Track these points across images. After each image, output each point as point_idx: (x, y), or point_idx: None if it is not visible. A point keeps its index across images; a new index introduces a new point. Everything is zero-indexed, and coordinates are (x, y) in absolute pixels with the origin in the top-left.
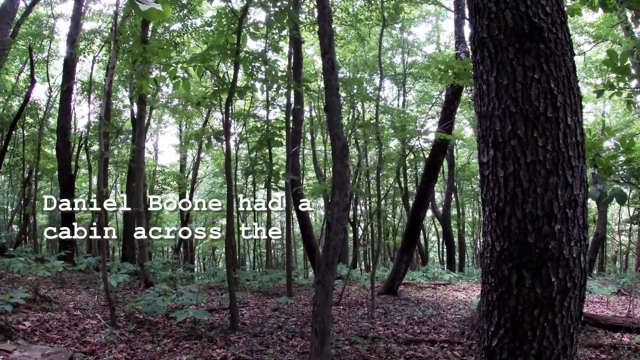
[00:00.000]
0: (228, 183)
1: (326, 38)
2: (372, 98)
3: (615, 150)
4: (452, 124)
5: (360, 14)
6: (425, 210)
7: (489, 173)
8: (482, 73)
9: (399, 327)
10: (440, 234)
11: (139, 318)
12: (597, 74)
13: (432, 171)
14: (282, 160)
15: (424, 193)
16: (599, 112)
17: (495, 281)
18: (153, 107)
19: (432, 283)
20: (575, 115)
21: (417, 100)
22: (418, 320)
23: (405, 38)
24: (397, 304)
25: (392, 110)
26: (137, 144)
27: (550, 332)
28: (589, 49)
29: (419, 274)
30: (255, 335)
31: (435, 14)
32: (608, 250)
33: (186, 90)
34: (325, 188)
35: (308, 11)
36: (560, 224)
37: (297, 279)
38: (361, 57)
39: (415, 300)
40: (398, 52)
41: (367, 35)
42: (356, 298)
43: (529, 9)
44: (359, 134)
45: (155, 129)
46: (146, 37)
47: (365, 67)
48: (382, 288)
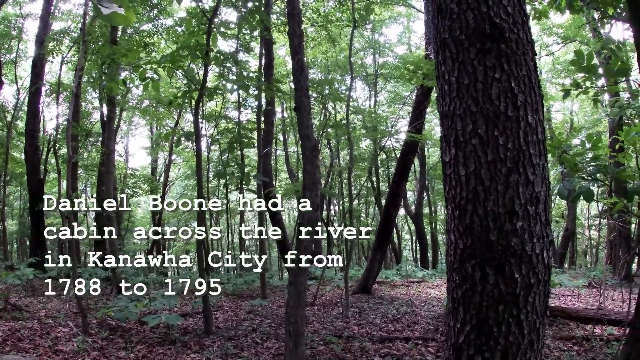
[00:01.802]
0: (199, 185)
1: (296, 39)
2: (344, 99)
3: (582, 148)
4: (422, 124)
5: (331, 14)
6: (397, 209)
7: (451, 172)
8: (444, 73)
9: (374, 326)
10: (414, 233)
11: (111, 325)
12: (565, 74)
13: (403, 171)
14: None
15: (395, 192)
16: (568, 111)
17: (459, 278)
18: (123, 109)
19: (405, 281)
20: (536, 113)
21: (388, 101)
22: (392, 318)
23: (377, 39)
24: (371, 303)
25: (363, 110)
26: (106, 147)
27: (516, 328)
28: (557, 49)
29: (393, 272)
30: (230, 338)
31: (406, 16)
32: (579, 244)
33: (156, 92)
34: (298, 189)
35: (279, 12)
36: (522, 221)
37: (272, 280)
38: (332, 58)
39: (389, 299)
40: (369, 53)
41: (339, 36)
42: (331, 298)
43: (491, 10)
44: (331, 134)
45: (126, 131)
46: (116, 37)
47: (337, 68)
48: (357, 287)
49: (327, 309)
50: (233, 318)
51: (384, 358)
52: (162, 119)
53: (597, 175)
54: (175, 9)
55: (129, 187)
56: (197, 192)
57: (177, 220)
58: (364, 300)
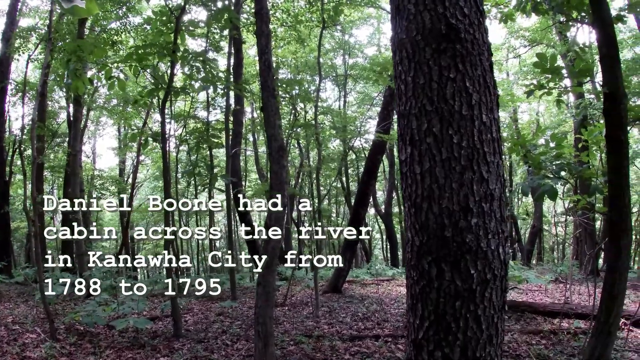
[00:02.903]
0: (165, 185)
1: (263, 39)
2: (312, 99)
3: (545, 147)
4: (390, 124)
5: (301, 15)
6: (366, 209)
7: (407, 170)
8: (401, 73)
9: (344, 325)
10: (384, 232)
11: (79, 330)
12: (532, 76)
13: (372, 170)
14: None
15: (364, 192)
16: (534, 112)
17: (416, 275)
18: (90, 109)
19: (376, 279)
20: (491, 112)
21: (358, 101)
22: (362, 317)
23: (347, 40)
24: (341, 302)
25: (332, 111)
26: (72, 148)
27: (474, 323)
28: (524, 52)
29: (364, 271)
30: (200, 341)
31: (376, 17)
32: (546, 241)
33: (122, 91)
34: (267, 189)
35: (249, 11)
36: (476, 218)
37: (243, 281)
38: (302, 58)
39: (359, 297)
40: (339, 54)
41: (308, 37)
42: (301, 298)
43: (447, 10)
44: (300, 134)
45: (93, 131)
46: (83, 35)
47: (306, 69)
48: (327, 287)
49: (297, 309)
50: (203, 320)
51: (354, 356)
52: (130, 118)
53: (560, 173)
54: (144, 7)
55: (96, 188)
56: (165, 192)
57: (146, 222)
58: (334, 299)
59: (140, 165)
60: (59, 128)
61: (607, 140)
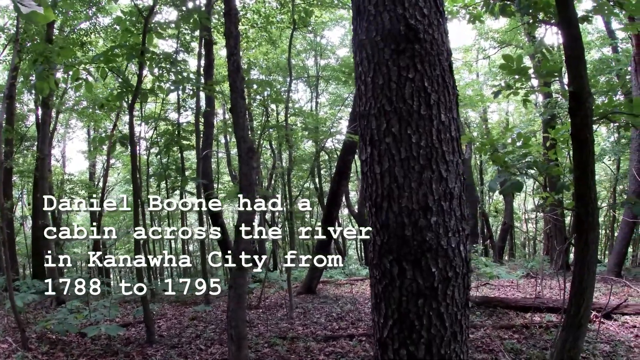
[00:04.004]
0: (134, 188)
1: (232, 40)
2: (284, 100)
3: (512, 146)
4: None
5: (272, 16)
6: (338, 209)
7: (367, 170)
8: (361, 74)
9: (318, 325)
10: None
11: (51, 338)
12: (501, 77)
13: (343, 171)
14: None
15: (335, 192)
16: (503, 112)
17: (379, 274)
18: (60, 111)
19: (350, 279)
20: (450, 112)
21: (330, 102)
22: (337, 317)
23: (319, 42)
24: (316, 303)
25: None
26: (40, 151)
27: (437, 321)
28: (494, 53)
29: (338, 271)
30: (173, 346)
31: (348, 19)
32: (517, 237)
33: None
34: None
35: (220, 12)
36: (436, 216)
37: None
38: (273, 59)
39: (334, 297)
40: (311, 55)
41: (279, 38)
42: (275, 300)
43: (406, 11)
44: (272, 135)
45: (63, 134)
46: (52, 36)
47: (278, 70)
48: (301, 288)
49: (271, 311)
50: (176, 325)
51: (329, 357)
52: (100, 121)
53: (527, 171)
54: (114, 7)
55: (66, 193)
56: (134, 196)
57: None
58: (308, 300)
59: (110, 168)
60: (28, 131)
61: (573, 139)
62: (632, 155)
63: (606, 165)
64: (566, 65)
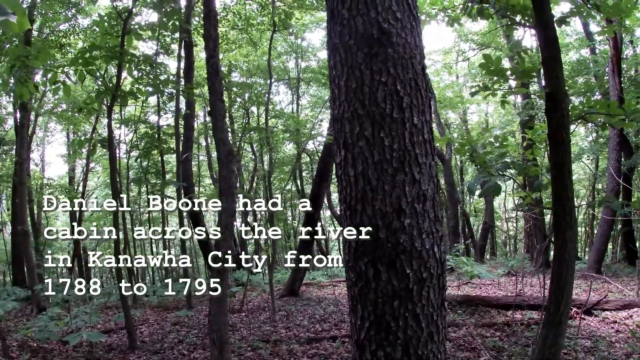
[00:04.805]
0: (113, 191)
1: (211, 42)
2: (264, 102)
3: (490, 146)
4: None
5: (252, 18)
6: (319, 211)
7: (341, 173)
8: (335, 77)
9: (301, 328)
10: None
11: (32, 346)
12: (480, 78)
13: (324, 172)
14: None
15: (316, 194)
16: (483, 113)
17: (355, 276)
18: (38, 115)
19: (332, 281)
20: (423, 115)
21: (311, 105)
22: (320, 319)
23: (300, 44)
24: (298, 305)
25: (283, 114)
26: (19, 155)
27: (413, 322)
28: (473, 55)
29: (320, 272)
30: (156, 352)
31: None
32: (498, 236)
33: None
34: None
35: (200, 14)
36: (409, 219)
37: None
38: (254, 61)
39: (316, 299)
40: (292, 57)
41: (260, 40)
42: (258, 303)
43: (379, 15)
44: (253, 137)
45: (42, 138)
46: (30, 38)
47: (259, 72)
48: (284, 290)
49: (254, 315)
50: (159, 331)
51: (312, 359)
52: (79, 124)
53: (505, 171)
54: (94, 9)
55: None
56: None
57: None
58: (291, 302)
59: (90, 172)
60: (6, 135)
61: (550, 139)
62: (610, 154)
63: (585, 164)
64: (542, 67)
